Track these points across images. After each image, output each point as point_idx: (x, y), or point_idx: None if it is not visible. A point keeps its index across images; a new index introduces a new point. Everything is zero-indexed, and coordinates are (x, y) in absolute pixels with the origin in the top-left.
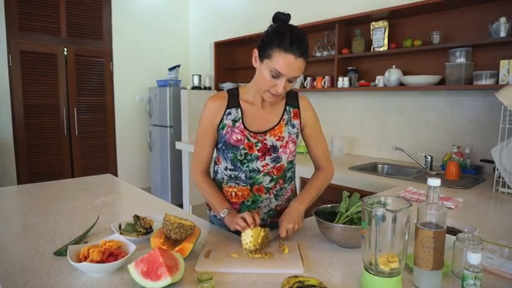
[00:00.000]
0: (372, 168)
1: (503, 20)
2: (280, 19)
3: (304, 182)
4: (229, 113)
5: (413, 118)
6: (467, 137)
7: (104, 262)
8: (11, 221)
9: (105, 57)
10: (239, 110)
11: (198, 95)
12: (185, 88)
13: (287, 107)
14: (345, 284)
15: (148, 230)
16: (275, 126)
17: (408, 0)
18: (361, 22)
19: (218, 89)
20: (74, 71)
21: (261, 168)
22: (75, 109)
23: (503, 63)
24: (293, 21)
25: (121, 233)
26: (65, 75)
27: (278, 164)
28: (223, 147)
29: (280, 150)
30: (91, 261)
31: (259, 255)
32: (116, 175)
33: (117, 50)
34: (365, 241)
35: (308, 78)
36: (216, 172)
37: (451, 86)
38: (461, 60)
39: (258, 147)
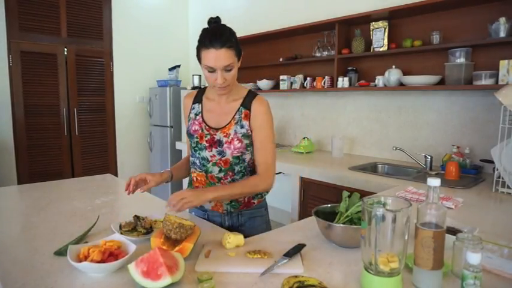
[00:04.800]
0: (372, 168)
1: (502, 20)
2: (211, 23)
3: (304, 181)
4: (194, 108)
5: (413, 118)
6: (467, 137)
7: (104, 262)
8: (11, 221)
9: (105, 57)
10: (200, 105)
11: None
12: (185, 88)
13: (240, 107)
14: (345, 284)
15: (149, 230)
16: (226, 125)
17: (408, 0)
18: (361, 22)
19: None
20: (74, 71)
21: (210, 158)
22: (75, 109)
23: (503, 63)
24: (293, 21)
25: (121, 233)
26: (65, 75)
27: (224, 158)
28: (187, 136)
29: (225, 145)
30: (91, 261)
31: (259, 256)
32: (116, 175)
33: (117, 50)
34: (365, 241)
35: (308, 79)
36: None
37: (450, 86)
38: (461, 60)
39: (206, 138)
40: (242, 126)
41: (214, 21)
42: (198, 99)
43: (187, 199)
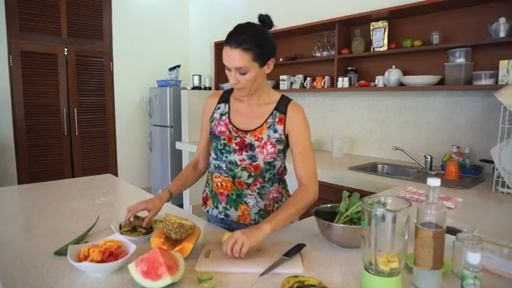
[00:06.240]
0: (372, 168)
1: (502, 20)
2: (258, 20)
3: None
4: (219, 108)
5: (413, 118)
6: (467, 137)
7: (104, 262)
8: (11, 221)
9: (105, 57)
10: (227, 105)
11: (198, 95)
12: (185, 88)
13: (274, 111)
14: (345, 284)
15: (149, 230)
16: (257, 128)
17: (408, 0)
18: (361, 22)
19: (218, 89)
20: (74, 71)
21: (239, 162)
22: (75, 109)
23: (503, 64)
24: (293, 22)
25: (121, 233)
26: (65, 75)
27: (255, 163)
28: (211, 138)
29: (257, 150)
30: (91, 261)
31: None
32: (116, 175)
33: (117, 50)
34: (365, 241)
35: (308, 79)
36: (209, 163)
37: (450, 86)
38: (461, 60)
39: (236, 141)
40: (276, 131)
41: (261, 20)
42: (224, 99)
43: (244, 243)
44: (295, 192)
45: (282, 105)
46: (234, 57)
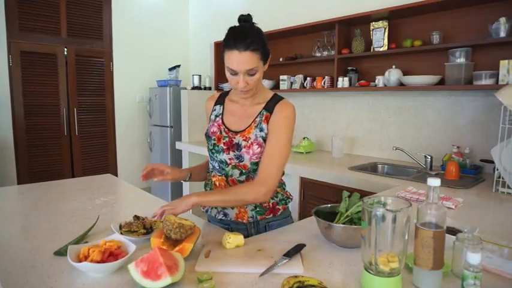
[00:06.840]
0: (372, 168)
1: (503, 20)
2: (240, 20)
3: (304, 181)
4: (215, 109)
5: (413, 118)
6: (467, 137)
7: (104, 262)
8: (11, 221)
9: (105, 57)
10: (221, 107)
11: (198, 95)
12: (185, 88)
13: (262, 110)
14: (345, 284)
15: (149, 230)
16: (246, 128)
17: (408, 0)
18: (361, 22)
19: (218, 89)
20: (74, 71)
21: (228, 161)
22: (75, 109)
23: (503, 63)
24: (293, 22)
25: (121, 233)
26: (65, 75)
27: (242, 163)
28: (206, 138)
29: (244, 150)
30: (91, 261)
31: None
32: (116, 175)
33: (117, 50)
34: (365, 241)
35: (308, 79)
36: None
37: (450, 86)
38: (461, 60)
39: (224, 141)
40: (261, 130)
41: (244, 20)
42: (220, 101)
43: (170, 206)
44: (245, 184)
45: (271, 104)
46: (244, 59)
